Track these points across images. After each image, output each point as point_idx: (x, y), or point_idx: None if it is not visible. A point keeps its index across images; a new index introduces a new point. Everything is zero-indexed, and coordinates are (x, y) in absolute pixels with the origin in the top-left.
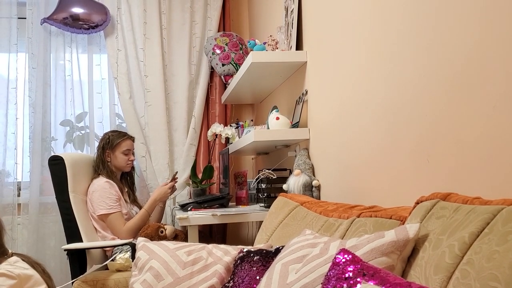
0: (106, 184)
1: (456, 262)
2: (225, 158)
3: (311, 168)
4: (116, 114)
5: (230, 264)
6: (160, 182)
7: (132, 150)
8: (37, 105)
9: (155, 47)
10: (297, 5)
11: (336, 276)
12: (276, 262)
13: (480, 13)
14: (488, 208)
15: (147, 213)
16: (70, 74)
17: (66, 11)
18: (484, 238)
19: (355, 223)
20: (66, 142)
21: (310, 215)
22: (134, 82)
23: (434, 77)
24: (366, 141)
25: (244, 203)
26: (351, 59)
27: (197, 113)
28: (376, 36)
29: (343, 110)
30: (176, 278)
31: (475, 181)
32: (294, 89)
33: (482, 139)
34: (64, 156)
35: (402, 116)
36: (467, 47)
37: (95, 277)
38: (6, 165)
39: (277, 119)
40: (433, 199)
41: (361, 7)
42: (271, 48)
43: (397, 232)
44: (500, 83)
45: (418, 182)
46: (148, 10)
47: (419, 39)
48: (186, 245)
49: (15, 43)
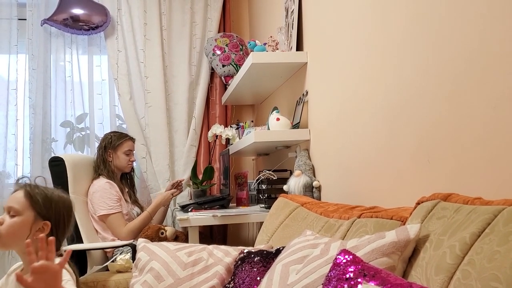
0: (106, 185)
1: (457, 262)
2: (226, 159)
3: (312, 169)
4: (116, 115)
5: (231, 265)
6: (160, 183)
7: (133, 151)
8: (37, 106)
9: (155, 48)
10: (297, 5)
11: (337, 276)
12: (277, 263)
13: (480, 14)
14: (489, 209)
15: (150, 216)
16: (71, 75)
17: (66, 12)
18: (485, 239)
19: (355, 224)
20: (66, 143)
21: (310, 216)
22: (134, 83)
23: (434, 78)
24: (367, 142)
25: (244, 204)
26: (351, 60)
27: (198, 114)
28: (377, 37)
29: (343, 110)
30: (176, 279)
31: (476, 182)
32: (294, 90)
33: (482, 139)
34: (65, 157)
35: (402, 117)
36: (468, 48)
37: (95, 278)
38: (6, 166)
39: (277, 120)
40: (434, 200)
41: (361, 8)
42: (271, 49)
43: (398, 233)
44: (500, 83)
45: (418, 183)
46: (148, 11)
47: (419, 39)
48: (186, 246)
49: (15, 44)
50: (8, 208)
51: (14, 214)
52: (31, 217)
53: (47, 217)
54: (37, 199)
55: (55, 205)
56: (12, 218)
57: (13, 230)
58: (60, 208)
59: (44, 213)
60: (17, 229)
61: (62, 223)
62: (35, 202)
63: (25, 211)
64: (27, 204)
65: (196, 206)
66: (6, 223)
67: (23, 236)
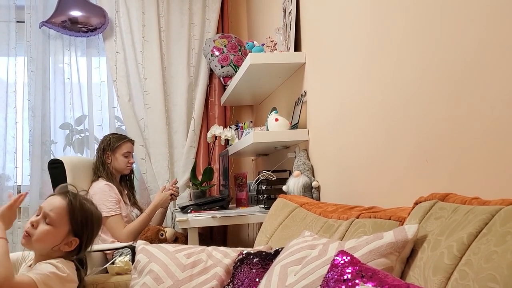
0: (105, 187)
1: (454, 263)
2: (225, 160)
3: (311, 169)
4: (115, 117)
5: (230, 266)
6: (160, 184)
7: (132, 153)
8: (36, 109)
9: (154, 49)
10: (295, 6)
11: (335, 278)
12: (275, 264)
13: (478, 14)
14: (487, 209)
15: (148, 217)
16: (69, 77)
17: (65, 14)
18: (483, 239)
19: (354, 224)
20: (65, 145)
21: (309, 216)
22: (133, 85)
23: (433, 78)
24: (365, 142)
25: (244, 205)
26: (349, 60)
27: (197, 115)
28: (375, 37)
29: (342, 111)
30: (176, 281)
31: (474, 182)
32: (293, 90)
33: (480, 139)
34: (64, 159)
35: (401, 117)
36: (466, 48)
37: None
38: (6, 168)
39: (276, 120)
40: (432, 200)
41: (359, 7)
42: (269, 50)
43: (396, 233)
44: (498, 83)
45: (417, 183)
46: (147, 12)
47: (418, 39)
48: (185, 247)
49: (14, 46)
50: (45, 213)
51: (50, 222)
52: (65, 231)
53: (79, 234)
54: (77, 215)
55: (90, 224)
56: (47, 225)
57: (44, 238)
58: (93, 226)
59: (78, 230)
60: (49, 239)
61: (90, 240)
62: (73, 219)
63: (62, 224)
64: (66, 218)
65: (195, 207)
66: (40, 230)
67: (52, 245)
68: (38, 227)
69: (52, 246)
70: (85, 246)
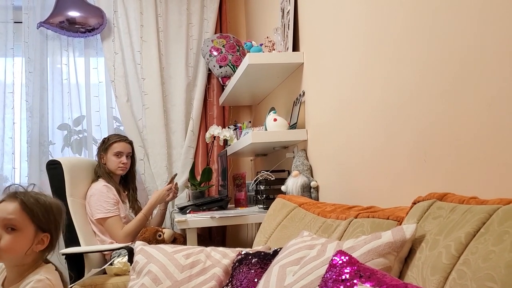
0: (104, 188)
1: (452, 262)
2: (224, 160)
3: (309, 169)
4: (113, 117)
5: (229, 266)
6: (158, 185)
7: (125, 153)
8: (34, 109)
9: (152, 49)
10: (293, 6)
11: (333, 278)
12: (274, 264)
13: (476, 14)
14: (484, 208)
15: (145, 217)
16: (67, 77)
17: (62, 14)
18: (480, 238)
19: (352, 224)
20: (64, 146)
21: (308, 216)
22: (131, 85)
23: (431, 78)
24: (364, 142)
25: (243, 205)
26: (347, 60)
27: (195, 115)
28: (373, 37)
29: (340, 110)
30: (174, 282)
31: (472, 181)
32: (291, 90)
33: (478, 138)
34: (62, 160)
35: (399, 117)
36: (463, 47)
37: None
38: (3, 169)
39: (274, 120)
40: (430, 199)
41: (357, 7)
42: (267, 50)
43: (394, 233)
44: (495, 82)
45: (415, 182)
46: (145, 13)
47: (416, 39)
48: (184, 248)
49: (12, 47)
50: (4, 222)
51: (14, 227)
52: (32, 231)
53: (46, 229)
54: (36, 211)
55: (52, 214)
56: (11, 233)
57: (13, 247)
58: (56, 216)
59: (44, 225)
60: (18, 245)
61: (58, 230)
62: (34, 216)
63: (25, 226)
64: (26, 217)
65: (194, 207)
66: (5, 240)
67: (23, 251)
68: (2, 239)
69: (24, 251)
70: (56, 238)
